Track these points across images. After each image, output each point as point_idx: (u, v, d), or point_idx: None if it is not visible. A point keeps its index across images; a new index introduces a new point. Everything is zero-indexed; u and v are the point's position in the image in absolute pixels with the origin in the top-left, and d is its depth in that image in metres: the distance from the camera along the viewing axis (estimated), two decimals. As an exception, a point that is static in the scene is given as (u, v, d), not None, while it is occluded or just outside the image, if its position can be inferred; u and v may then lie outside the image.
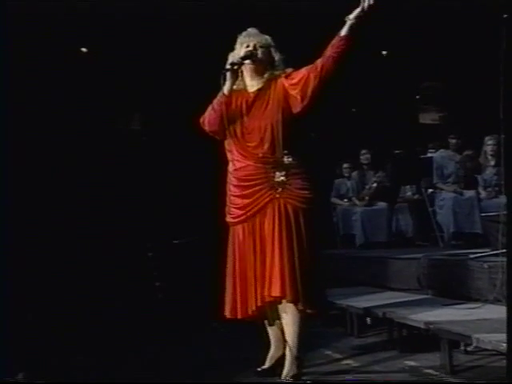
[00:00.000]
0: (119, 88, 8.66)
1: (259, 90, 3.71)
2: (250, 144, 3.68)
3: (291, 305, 3.55)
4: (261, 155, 3.65)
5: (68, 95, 8.33)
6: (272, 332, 3.81)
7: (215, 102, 3.71)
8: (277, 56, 3.75)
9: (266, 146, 3.64)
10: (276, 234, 3.57)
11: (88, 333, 5.66)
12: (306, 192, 3.64)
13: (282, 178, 3.63)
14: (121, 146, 8.85)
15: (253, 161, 3.66)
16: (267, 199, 3.63)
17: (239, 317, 3.65)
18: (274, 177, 3.64)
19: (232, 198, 3.73)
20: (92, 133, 8.57)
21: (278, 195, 3.62)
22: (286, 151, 3.64)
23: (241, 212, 3.66)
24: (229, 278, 3.69)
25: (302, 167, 3.68)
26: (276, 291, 3.49)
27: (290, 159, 3.65)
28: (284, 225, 3.58)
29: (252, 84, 3.74)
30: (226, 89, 3.68)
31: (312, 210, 3.65)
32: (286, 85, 3.65)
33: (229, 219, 3.74)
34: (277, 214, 3.59)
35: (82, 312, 6.44)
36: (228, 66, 3.66)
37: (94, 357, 4.77)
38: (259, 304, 3.57)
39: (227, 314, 3.70)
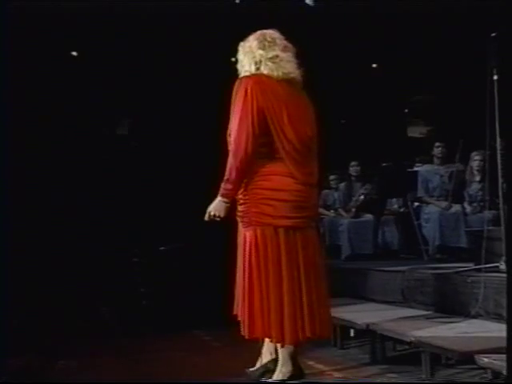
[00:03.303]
0: (107, 93, 8.66)
1: None
2: None
3: None
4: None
5: (57, 100, 8.32)
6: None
7: None
8: (241, 56, 3.62)
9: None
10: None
11: (73, 336, 5.67)
12: (239, 205, 3.52)
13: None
14: (108, 152, 8.85)
15: None
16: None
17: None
18: None
19: None
20: (79, 138, 8.56)
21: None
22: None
23: None
24: None
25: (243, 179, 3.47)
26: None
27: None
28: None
29: None
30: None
31: (246, 221, 3.48)
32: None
33: None
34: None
35: (66, 315, 6.44)
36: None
37: (78, 359, 4.77)
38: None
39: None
